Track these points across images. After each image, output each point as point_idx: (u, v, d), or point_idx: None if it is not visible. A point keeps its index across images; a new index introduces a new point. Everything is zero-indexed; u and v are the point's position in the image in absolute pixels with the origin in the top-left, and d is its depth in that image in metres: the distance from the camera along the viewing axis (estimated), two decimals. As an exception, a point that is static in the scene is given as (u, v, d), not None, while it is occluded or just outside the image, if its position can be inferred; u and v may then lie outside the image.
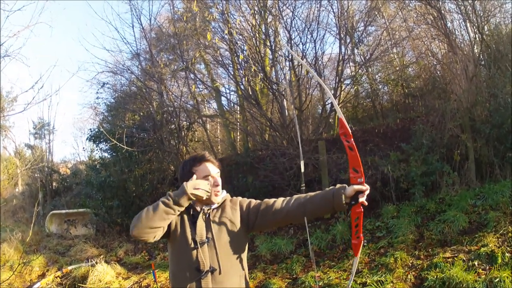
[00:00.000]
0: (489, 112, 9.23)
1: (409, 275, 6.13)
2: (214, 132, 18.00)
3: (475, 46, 10.89)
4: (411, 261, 6.53)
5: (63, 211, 15.65)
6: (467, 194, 8.12)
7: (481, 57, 10.82)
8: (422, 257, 6.60)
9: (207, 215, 3.11)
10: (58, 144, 56.76)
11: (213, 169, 3.08)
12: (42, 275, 10.23)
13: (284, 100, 11.90)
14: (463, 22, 11.82)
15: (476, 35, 10.82)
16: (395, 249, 7.07)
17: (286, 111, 12.24)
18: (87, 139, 16.45)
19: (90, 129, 16.52)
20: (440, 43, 12.77)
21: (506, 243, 5.98)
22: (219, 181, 3.09)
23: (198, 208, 3.12)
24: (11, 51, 10.05)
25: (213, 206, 3.13)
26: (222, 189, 3.23)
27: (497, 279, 5.17)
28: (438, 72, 12.72)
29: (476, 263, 5.75)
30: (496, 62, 10.19)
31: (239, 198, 3.28)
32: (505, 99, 8.98)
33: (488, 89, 9.69)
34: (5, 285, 9.36)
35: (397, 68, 13.89)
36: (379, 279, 6.18)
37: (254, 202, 3.19)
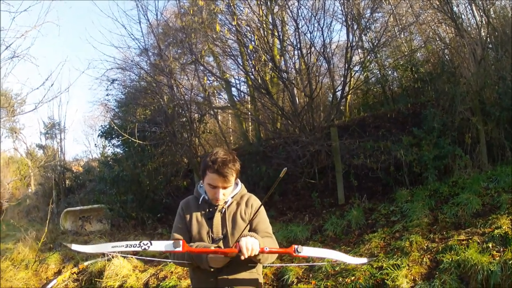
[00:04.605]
0: (498, 95, 9.22)
1: (424, 258, 6.13)
2: (226, 123, 18.01)
3: (481, 29, 10.85)
4: (426, 244, 6.52)
5: (77, 208, 15.68)
6: (480, 177, 8.11)
7: (488, 40, 10.78)
8: (437, 240, 6.58)
9: (223, 211, 3.20)
10: (69, 142, 57.03)
11: (220, 182, 3.08)
12: (58, 272, 10.28)
13: (295, 88, 11.96)
14: (468, 6, 11.77)
15: (483, 18, 10.79)
16: (410, 232, 7.07)
17: (297, 99, 12.27)
18: (98, 135, 16.56)
19: (101, 125, 16.62)
20: (447, 27, 12.73)
21: (520, 225, 5.99)
22: (220, 195, 3.12)
23: (214, 205, 3.22)
24: (19, 51, 10.12)
25: (228, 203, 3.22)
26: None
27: (512, 261, 5.19)
28: (447, 56, 12.66)
29: (490, 245, 5.72)
30: (503, 45, 10.15)
31: (256, 202, 3.33)
32: (513, 82, 8.99)
33: (497, 72, 9.69)
34: (21, 284, 9.45)
35: (406, 53, 13.85)
36: (395, 262, 6.18)
37: (260, 223, 3.26)
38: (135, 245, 2.88)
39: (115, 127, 13.19)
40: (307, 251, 3.08)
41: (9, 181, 22.48)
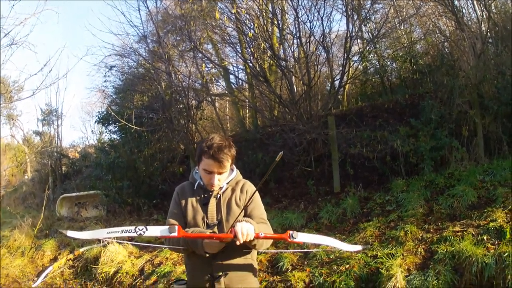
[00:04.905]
0: (497, 90, 9.22)
1: (419, 248, 6.14)
2: (223, 110, 18.05)
3: (482, 24, 10.84)
4: (421, 235, 6.53)
5: (74, 194, 15.67)
6: (476, 170, 8.11)
7: (489, 35, 10.77)
8: (431, 230, 6.59)
9: (218, 197, 3.21)
10: (66, 129, 56.99)
11: (216, 167, 3.08)
12: (54, 259, 10.30)
13: (293, 76, 11.97)
14: (469, 0, 11.76)
15: (483, 13, 10.77)
16: (405, 222, 7.08)
17: (295, 87, 12.26)
18: (95, 122, 16.53)
19: (99, 112, 16.57)
20: (448, 20, 12.71)
21: (515, 219, 5.98)
22: (215, 181, 3.13)
23: (210, 190, 3.23)
24: (18, 39, 10.11)
25: (223, 188, 3.24)
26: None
27: (506, 254, 5.15)
28: (446, 49, 12.66)
29: (485, 237, 5.72)
30: (504, 40, 10.15)
31: (251, 188, 3.33)
32: (513, 77, 8.98)
33: (496, 67, 9.68)
34: (17, 271, 9.45)
35: (405, 45, 13.84)
36: (389, 252, 6.20)
37: (255, 209, 3.26)
38: (130, 231, 2.91)
39: (113, 113, 13.21)
40: (302, 237, 3.08)
41: (5, 168, 22.52)
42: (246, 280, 3.23)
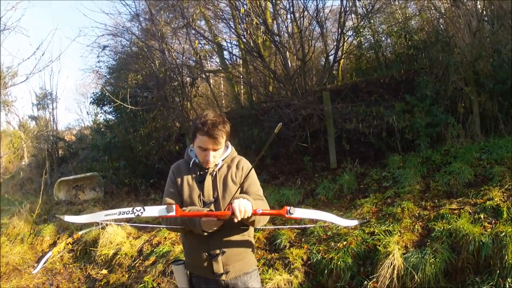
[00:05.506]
0: (492, 67, 9.17)
1: (416, 225, 6.12)
2: (218, 86, 17.93)
3: (478, 1, 10.78)
4: (418, 212, 6.52)
5: (71, 177, 15.60)
6: (472, 147, 8.07)
7: (484, 13, 10.72)
8: (428, 207, 6.58)
9: (214, 174, 3.21)
10: (61, 112, 56.76)
11: (210, 144, 3.07)
12: (54, 244, 10.29)
13: (287, 52, 11.91)
14: (465, -23, 11.65)
15: (479, -9, 10.72)
16: (401, 199, 7.08)
17: (289, 62, 12.21)
18: (90, 103, 16.45)
19: (93, 93, 16.48)
20: (443, -3, 12.64)
21: (511, 198, 5.92)
22: (211, 157, 3.12)
23: (205, 168, 3.23)
24: (10, 24, 10.00)
25: (219, 165, 3.23)
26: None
27: (503, 234, 5.12)
28: (441, 26, 12.59)
29: (482, 216, 5.68)
30: (500, 19, 10.10)
31: (247, 165, 3.34)
32: (508, 56, 8.91)
33: (492, 45, 9.63)
34: (17, 259, 9.44)
35: (400, 21, 13.79)
36: (386, 228, 6.18)
37: (251, 186, 3.25)
38: (128, 212, 2.91)
39: (107, 94, 13.13)
40: (299, 212, 3.07)
41: (2, 155, 22.46)
42: (243, 257, 3.26)
